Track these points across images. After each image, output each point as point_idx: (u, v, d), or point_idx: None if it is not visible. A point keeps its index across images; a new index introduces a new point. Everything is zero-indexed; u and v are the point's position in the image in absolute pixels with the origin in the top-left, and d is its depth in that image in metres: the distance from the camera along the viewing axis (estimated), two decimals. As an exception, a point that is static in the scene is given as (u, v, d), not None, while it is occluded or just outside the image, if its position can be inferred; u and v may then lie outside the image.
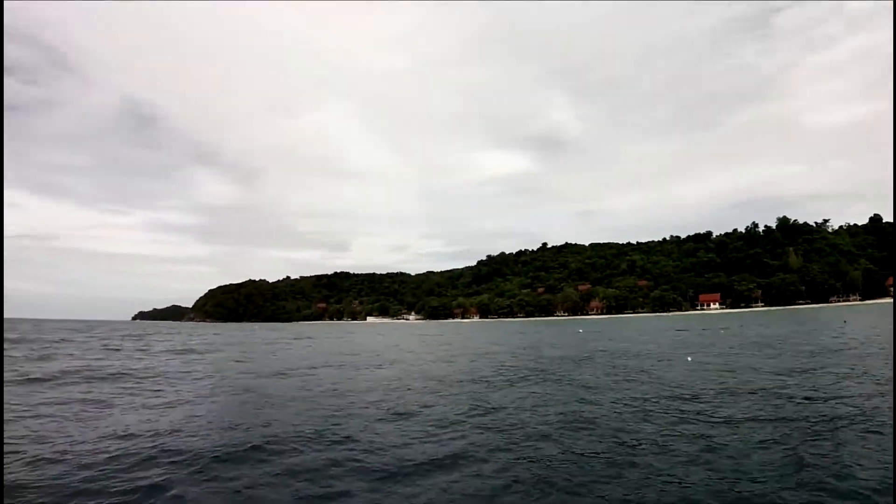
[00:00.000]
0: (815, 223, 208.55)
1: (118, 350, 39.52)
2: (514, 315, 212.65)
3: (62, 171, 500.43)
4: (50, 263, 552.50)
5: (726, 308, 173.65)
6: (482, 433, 11.55)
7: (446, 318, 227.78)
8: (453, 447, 10.46)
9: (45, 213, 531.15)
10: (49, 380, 20.84)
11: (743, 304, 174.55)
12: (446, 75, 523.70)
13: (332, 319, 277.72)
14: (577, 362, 26.22)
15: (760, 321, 72.77)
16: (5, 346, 40.25)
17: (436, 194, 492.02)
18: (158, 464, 9.50)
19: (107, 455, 10.04)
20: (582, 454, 9.74)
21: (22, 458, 9.86)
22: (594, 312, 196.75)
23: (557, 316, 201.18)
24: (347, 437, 11.30)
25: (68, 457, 9.95)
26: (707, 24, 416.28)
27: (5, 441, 10.82)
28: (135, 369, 25.33)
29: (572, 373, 21.95)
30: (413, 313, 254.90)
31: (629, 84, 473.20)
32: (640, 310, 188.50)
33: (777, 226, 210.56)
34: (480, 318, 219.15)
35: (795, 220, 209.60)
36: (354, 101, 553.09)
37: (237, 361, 31.28)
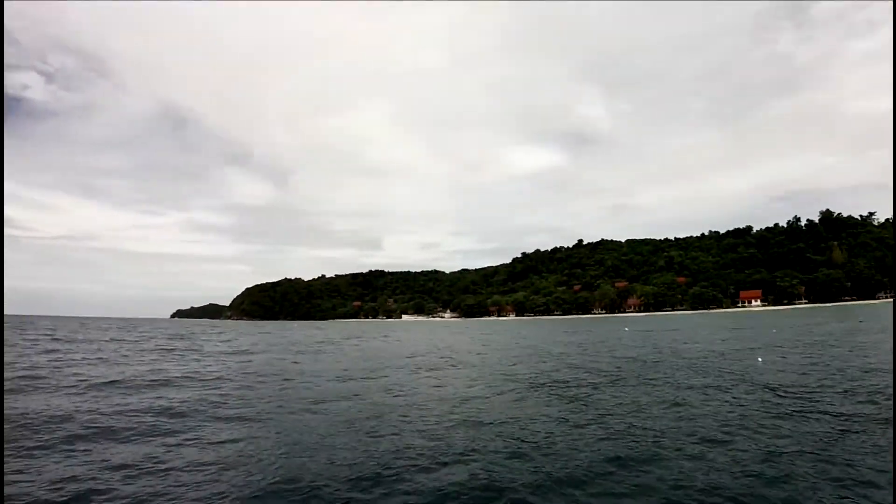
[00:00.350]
0: (860, 216, 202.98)
1: (171, 350, 39.76)
2: (550, 313, 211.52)
3: (100, 174, 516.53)
4: (89, 263, 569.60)
5: (768, 305, 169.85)
6: (625, 440, 10.93)
7: (482, 316, 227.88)
8: (610, 451, 10.10)
9: (84, 214, 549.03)
10: (114, 383, 20.32)
11: (785, 301, 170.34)
12: (479, 72, 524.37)
13: (366, 317, 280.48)
14: (653, 363, 25.46)
15: (814, 318, 70.47)
16: (57, 345, 40.65)
17: (467, 191, 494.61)
18: (292, 499, 8.22)
19: (221, 487, 8.68)
20: (735, 459, 9.37)
21: (119, 497, 8.27)
22: (632, 310, 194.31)
23: (595, 314, 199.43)
24: (486, 446, 10.73)
25: (174, 494, 8.43)
26: (743, 13, 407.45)
27: (91, 467, 9.74)
28: (196, 372, 24.94)
29: (658, 374, 21.28)
30: (448, 311, 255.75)
31: (663, 76, 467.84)
32: (678, 307, 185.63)
33: (820, 219, 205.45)
34: (516, 315, 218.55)
35: (839, 214, 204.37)
36: (386, 100, 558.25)
37: (295, 363, 30.85)
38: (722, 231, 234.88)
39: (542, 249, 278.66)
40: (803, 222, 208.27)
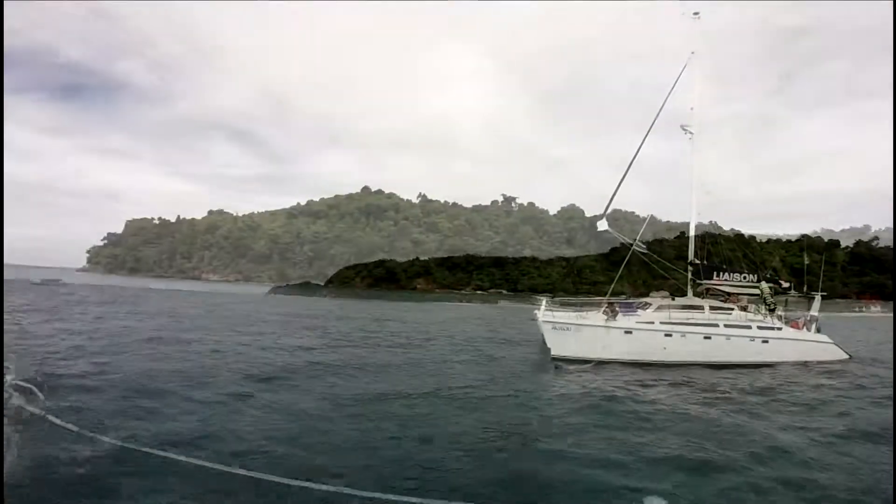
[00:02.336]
0: None
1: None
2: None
3: (199, 156, 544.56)
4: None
5: (890, 312, 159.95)
6: None
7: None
8: None
9: (184, 192, 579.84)
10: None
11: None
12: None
13: (460, 302, 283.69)
14: None
15: None
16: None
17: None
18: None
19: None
20: None
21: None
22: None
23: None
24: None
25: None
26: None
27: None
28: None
29: None
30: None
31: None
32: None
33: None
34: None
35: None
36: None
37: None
38: (836, 230, 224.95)
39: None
40: None
